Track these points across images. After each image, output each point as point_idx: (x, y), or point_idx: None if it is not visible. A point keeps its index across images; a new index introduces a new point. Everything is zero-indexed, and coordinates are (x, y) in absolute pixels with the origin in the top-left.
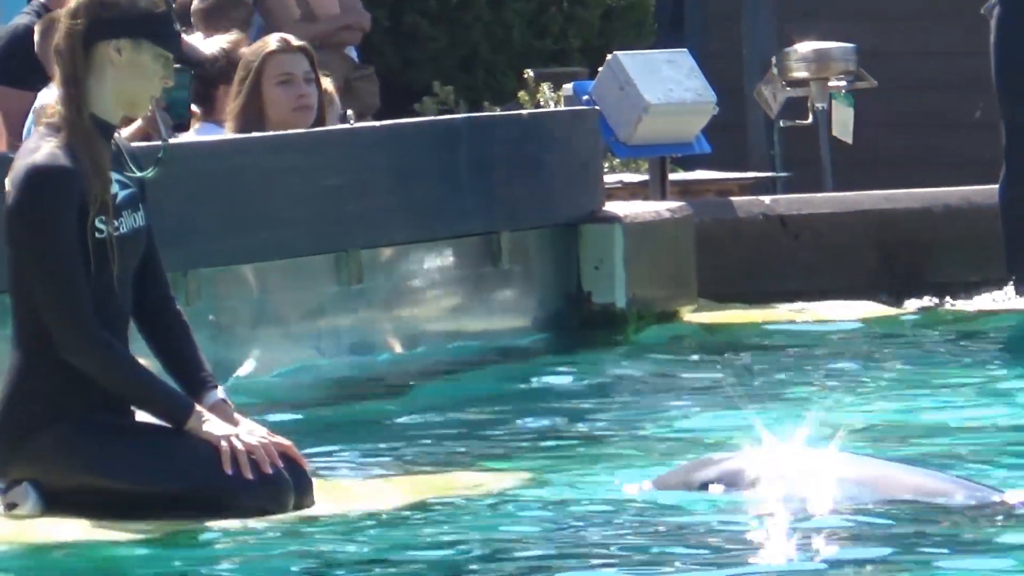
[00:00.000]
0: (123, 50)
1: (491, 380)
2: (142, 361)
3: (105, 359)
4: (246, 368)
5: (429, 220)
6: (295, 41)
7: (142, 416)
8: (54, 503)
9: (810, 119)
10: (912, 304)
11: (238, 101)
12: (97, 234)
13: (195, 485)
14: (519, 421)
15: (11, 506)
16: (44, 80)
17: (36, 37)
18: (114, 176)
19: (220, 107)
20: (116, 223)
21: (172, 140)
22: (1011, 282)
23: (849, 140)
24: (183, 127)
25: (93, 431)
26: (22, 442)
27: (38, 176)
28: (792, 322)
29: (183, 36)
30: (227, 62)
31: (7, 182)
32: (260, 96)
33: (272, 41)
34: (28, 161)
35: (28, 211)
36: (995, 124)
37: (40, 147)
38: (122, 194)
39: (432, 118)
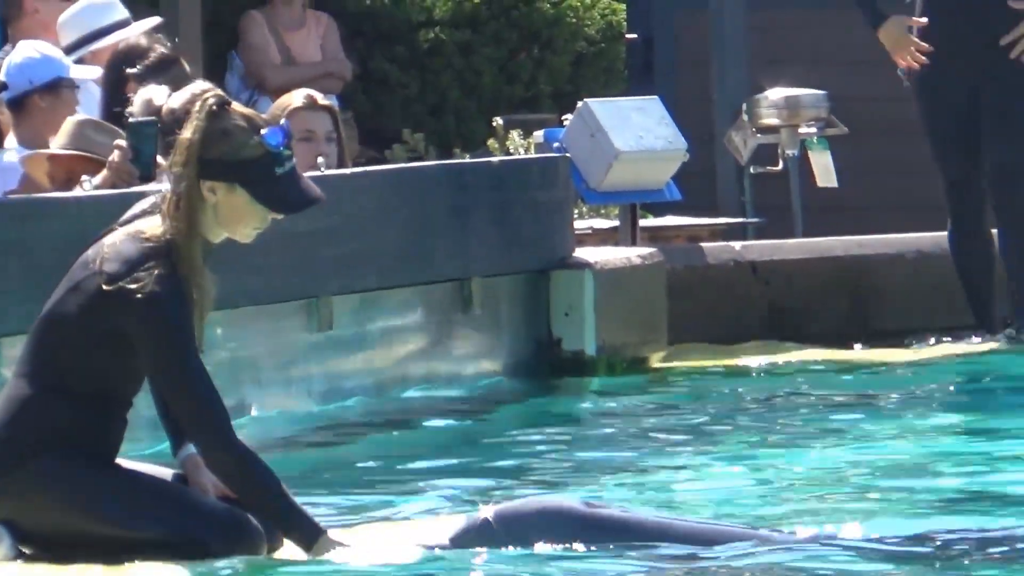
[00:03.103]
0: (217, 191)
1: (460, 427)
2: None
3: (249, 473)
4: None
5: (400, 266)
6: (321, 99)
7: (126, 463)
8: (27, 546)
9: (780, 165)
10: (882, 351)
11: None
12: None
13: (168, 530)
14: (487, 468)
15: None
16: None
17: None
18: None
19: None
20: None
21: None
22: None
23: (834, 184)
24: (149, 178)
25: (74, 472)
26: (12, 473)
27: (164, 308)
28: (763, 369)
29: (145, 89)
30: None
31: (104, 276)
32: None
33: (298, 97)
34: (151, 293)
35: (160, 338)
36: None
37: (153, 271)
38: None
39: (402, 165)
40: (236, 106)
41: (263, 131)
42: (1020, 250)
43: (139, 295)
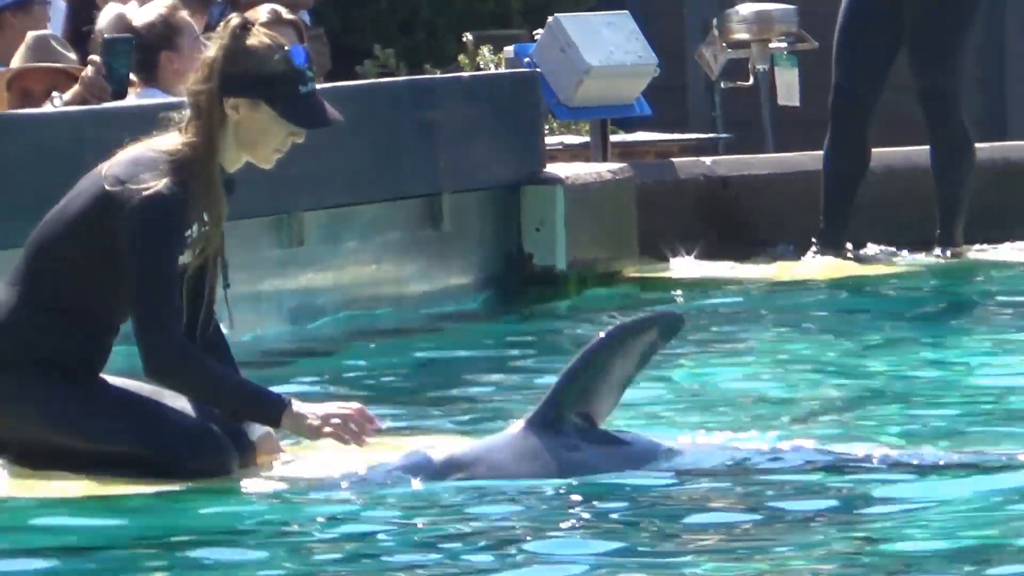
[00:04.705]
0: (240, 108)
1: (432, 342)
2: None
3: (191, 372)
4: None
5: (370, 182)
6: (286, 14)
7: (105, 377)
8: (1, 457)
9: (751, 81)
10: (849, 264)
11: None
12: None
13: (138, 445)
14: (459, 383)
15: None
16: None
17: None
18: None
19: (162, 73)
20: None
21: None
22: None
23: (796, 103)
24: (122, 95)
25: (50, 384)
26: None
27: (160, 208)
28: (733, 282)
29: (114, 5)
30: (165, 27)
31: (109, 178)
32: None
33: (262, 12)
34: (152, 192)
35: (146, 234)
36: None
37: (161, 178)
38: None
39: (373, 80)
40: (259, 28)
41: (287, 48)
42: (952, 174)
43: (138, 196)
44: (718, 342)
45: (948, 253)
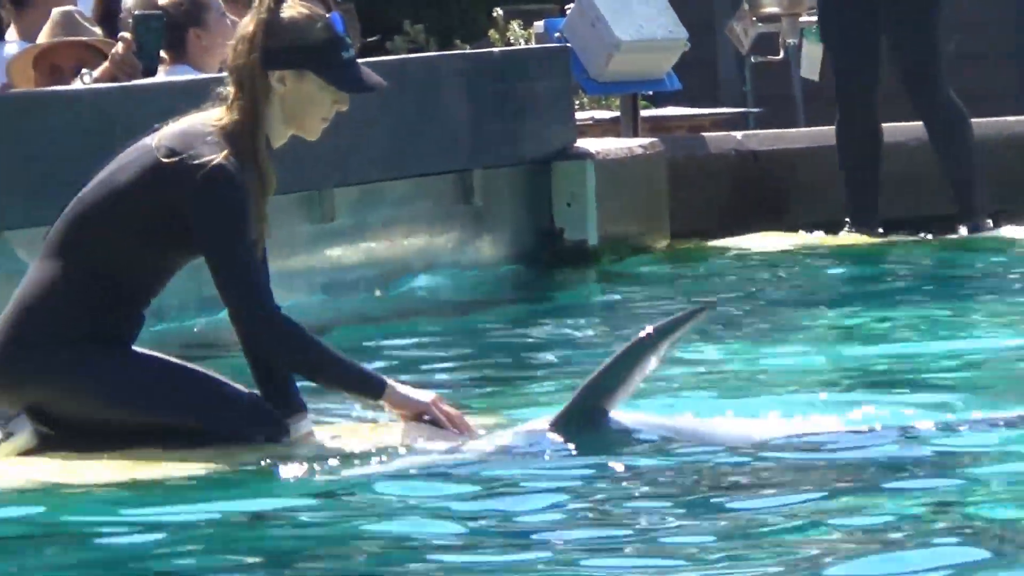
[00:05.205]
0: (286, 80)
1: (463, 318)
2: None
3: (295, 347)
4: (220, 308)
5: (401, 158)
6: None
7: (142, 351)
8: (53, 430)
9: (781, 55)
10: (880, 237)
11: None
12: None
13: (189, 417)
14: (489, 360)
15: (8, 435)
16: None
17: None
18: None
19: (192, 50)
20: None
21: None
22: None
23: (816, 78)
24: (152, 72)
25: (96, 359)
26: (37, 355)
27: (230, 184)
28: (764, 257)
29: None
30: (192, 4)
31: (162, 149)
32: None
33: None
34: (216, 167)
35: (224, 211)
36: (969, 56)
37: (216, 151)
38: None
39: (403, 56)
40: (292, 0)
41: (327, 16)
42: (952, 150)
43: (200, 170)
44: (749, 316)
45: (971, 227)
